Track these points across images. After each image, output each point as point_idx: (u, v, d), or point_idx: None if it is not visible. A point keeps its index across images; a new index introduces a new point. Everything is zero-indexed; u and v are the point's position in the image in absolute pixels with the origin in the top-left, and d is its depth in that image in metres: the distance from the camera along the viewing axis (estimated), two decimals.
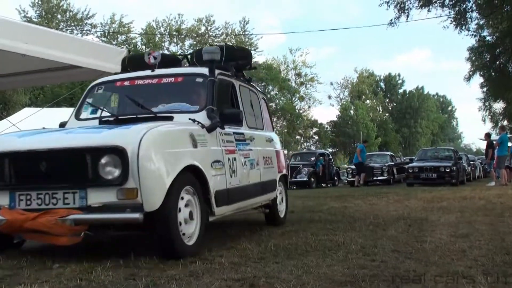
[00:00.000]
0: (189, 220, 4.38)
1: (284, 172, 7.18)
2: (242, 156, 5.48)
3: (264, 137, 6.62)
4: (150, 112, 5.07)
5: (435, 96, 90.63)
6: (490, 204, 9.02)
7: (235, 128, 5.52)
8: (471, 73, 30.52)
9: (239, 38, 57.77)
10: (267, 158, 6.37)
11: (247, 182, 5.52)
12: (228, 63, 5.88)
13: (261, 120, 6.78)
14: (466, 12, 23.06)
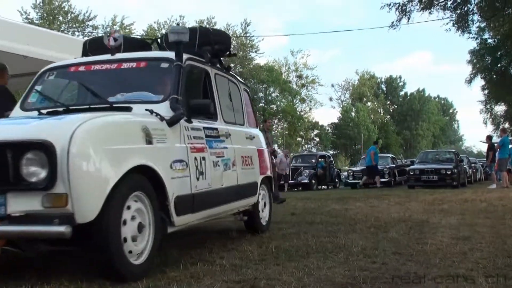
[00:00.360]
0: (138, 234, 3.61)
1: (268, 173, 6.47)
2: (214, 155, 4.75)
3: (244, 133, 5.92)
4: (105, 102, 4.25)
5: (436, 99, 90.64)
6: (492, 207, 9.01)
7: (207, 122, 4.83)
8: (473, 76, 30.59)
9: (240, 40, 57.86)
10: (247, 157, 5.68)
11: (220, 186, 4.81)
12: (203, 48, 5.19)
13: (242, 115, 6.08)
14: (467, 15, 23.07)
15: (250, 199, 5.75)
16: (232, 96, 5.81)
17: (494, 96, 32.23)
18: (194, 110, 4.51)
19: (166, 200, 3.90)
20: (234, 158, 5.26)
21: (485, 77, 29.89)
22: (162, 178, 3.83)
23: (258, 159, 6.08)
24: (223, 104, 5.41)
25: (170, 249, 4.67)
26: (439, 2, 22.67)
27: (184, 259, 4.22)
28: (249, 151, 5.84)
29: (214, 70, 5.34)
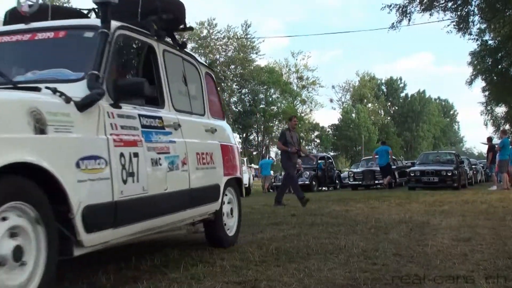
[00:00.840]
0: (12, 263, 2.53)
1: (237, 175, 5.55)
2: (154, 150, 3.73)
3: (203, 125, 4.92)
4: (8, 82, 3.29)
5: (437, 100, 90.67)
6: (492, 208, 9.01)
7: (148, 109, 3.86)
8: (473, 77, 30.61)
9: (241, 41, 57.90)
10: (205, 155, 4.69)
11: (162, 190, 3.79)
12: (148, 18, 4.18)
13: (202, 103, 5.11)
14: (468, 16, 23.10)
15: (210, 206, 4.76)
16: (188, 80, 4.80)
17: (495, 98, 32.24)
18: (124, 91, 3.51)
19: (70, 212, 2.88)
20: (186, 155, 4.25)
21: (486, 79, 29.90)
22: (61, 181, 2.81)
23: (221, 157, 5.10)
24: (174, 89, 4.41)
25: (171, 250, 4.68)
26: (439, 4, 22.72)
27: (184, 260, 4.22)
28: (208, 146, 4.84)
29: (163, 46, 4.33)
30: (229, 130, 5.87)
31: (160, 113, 4.06)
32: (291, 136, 11.05)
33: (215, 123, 5.25)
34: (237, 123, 59.79)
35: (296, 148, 11.03)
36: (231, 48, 59.59)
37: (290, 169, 11.02)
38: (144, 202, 3.56)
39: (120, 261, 4.16)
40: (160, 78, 4.21)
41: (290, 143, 10.90)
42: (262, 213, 8.57)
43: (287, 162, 11.01)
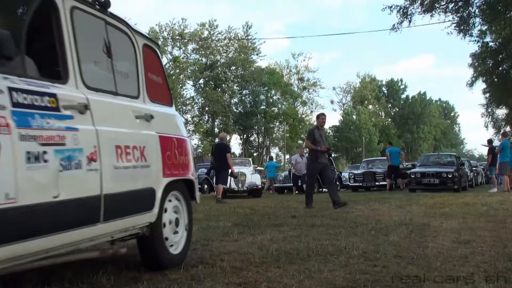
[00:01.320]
0: None
1: (186, 176, 4.44)
2: (36, 140, 2.67)
3: (132, 110, 3.76)
4: None
5: (437, 102, 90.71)
6: (493, 210, 9.01)
7: (31, 83, 2.78)
8: (474, 79, 30.63)
9: (242, 43, 57.94)
10: (132, 149, 3.57)
11: (47, 198, 2.70)
12: None
13: (135, 83, 3.98)
14: (469, 18, 23.11)
15: (138, 218, 3.64)
16: (113, 51, 3.63)
17: (496, 100, 32.26)
18: None
19: None
20: (96, 149, 3.18)
21: (487, 81, 29.93)
22: None
23: (160, 153, 3.99)
24: (87, 60, 3.36)
25: None
26: (440, 5, 22.74)
27: (185, 261, 4.22)
28: (139, 138, 3.73)
29: (71, 1, 3.23)
30: (176, 119, 4.68)
31: (55, 89, 2.94)
32: (320, 135, 10.70)
33: (153, 109, 4.05)
34: (238, 124, 59.80)
35: (326, 147, 10.68)
36: (232, 49, 59.66)
37: (313, 172, 10.71)
38: (9, 216, 2.42)
39: (120, 261, 4.16)
40: (63, 43, 3.10)
41: (319, 142, 10.54)
42: (262, 215, 8.56)
43: (314, 163, 10.65)
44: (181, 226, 4.37)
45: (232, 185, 17.90)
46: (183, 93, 58.67)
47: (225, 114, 58.41)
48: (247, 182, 18.55)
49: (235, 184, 18.13)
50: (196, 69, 57.42)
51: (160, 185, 3.95)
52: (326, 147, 10.64)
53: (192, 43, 57.79)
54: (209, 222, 7.25)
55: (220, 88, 59.22)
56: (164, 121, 4.27)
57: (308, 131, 11.50)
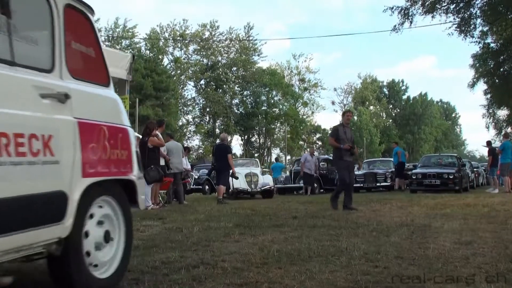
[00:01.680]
0: None
1: (128, 175, 3.66)
2: None
3: (34, 86, 2.86)
4: None
5: (438, 103, 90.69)
6: (494, 212, 9.00)
7: None
8: (475, 80, 30.60)
9: (243, 43, 57.98)
10: (30, 139, 2.70)
11: None
12: None
13: (49, 51, 3.10)
14: (470, 19, 23.10)
15: (40, 233, 2.79)
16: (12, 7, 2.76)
17: (497, 101, 32.20)
18: None
19: None
20: None
21: (488, 81, 29.88)
22: None
23: (78, 144, 3.12)
24: None
25: (172, 252, 4.68)
26: (441, 6, 22.72)
27: (186, 261, 4.23)
28: (41, 124, 2.85)
29: None
30: (112, 103, 3.74)
31: None
32: (345, 132, 10.31)
33: (72, 87, 3.16)
34: (239, 125, 59.80)
35: (349, 145, 10.15)
36: (233, 50, 59.70)
37: (342, 171, 10.27)
38: None
39: None
40: None
41: (343, 140, 10.15)
42: (263, 215, 8.56)
43: (339, 162, 10.29)
44: (114, 242, 3.47)
45: (244, 186, 17.57)
46: (184, 94, 58.74)
47: (226, 115, 58.43)
48: (260, 183, 18.10)
49: (248, 185, 17.69)
50: (197, 70, 57.48)
51: (77, 187, 3.04)
52: (349, 145, 10.15)
53: (193, 44, 57.84)
54: (210, 223, 7.25)
55: (221, 89, 59.27)
56: (90, 104, 3.38)
57: (332, 128, 10.98)
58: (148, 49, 52.40)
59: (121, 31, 52.17)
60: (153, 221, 7.48)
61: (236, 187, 17.32)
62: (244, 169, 18.93)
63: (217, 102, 56.63)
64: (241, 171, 18.15)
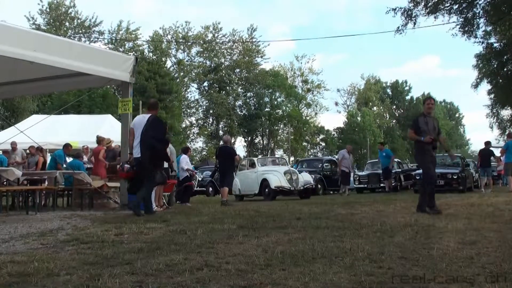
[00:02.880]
0: None
1: None
2: None
3: None
4: None
5: (442, 103, 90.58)
6: (498, 211, 8.98)
7: None
8: (479, 80, 30.58)
9: (246, 45, 58.01)
10: None
11: None
12: None
13: None
14: (473, 19, 23.06)
15: None
16: None
17: (501, 101, 32.16)
18: None
19: None
20: None
21: (491, 81, 29.85)
22: None
23: None
24: None
25: (176, 254, 4.68)
26: (444, 7, 22.70)
27: (190, 264, 4.22)
28: None
29: None
30: None
31: None
32: (426, 122, 9.22)
33: None
34: (242, 126, 59.82)
35: (431, 137, 8.97)
36: (236, 52, 59.76)
37: (425, 166, 9.21)
38: None
39: (125, 264, 4.17)
40: None
41: (424, 131, 9.08)
42: (267, 217, 8.56)
43: (421, 157, 9.22)
44: None
45: (285, 184, 16.32)
46: (188, 96, 58.79)
47: (229, 116, 58.49)
48: (301, 181, 16.84)
49: (289, 183, 16.40)
50: (200, 72, 57.54)
51: None
52: (431, 137, 8.96)
53: (196, 46, 57.92)
54: (214, 225, 7.25)
55: (224, 91, 59.34)
56: None
57: (413, 119, 9.72)
58: (151, 51, 52.50)
59: (124, 33, 52.29)
60: (157, 224, 7.48)
61: (276, 186, 16.14)
62: (282, 167, 17.78)
63: (221, 104, 56.69)
64: (278, 169, 17.20)
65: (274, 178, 16.04)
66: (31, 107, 37.79)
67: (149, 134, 9.02)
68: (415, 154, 9.56)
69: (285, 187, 16.16)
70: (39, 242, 5.70)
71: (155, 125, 9.15)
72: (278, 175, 16.27)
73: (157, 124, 9.29)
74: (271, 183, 16.00)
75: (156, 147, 9.13)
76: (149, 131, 9.03)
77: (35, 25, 46.73)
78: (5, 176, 10.77)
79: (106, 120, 20.53)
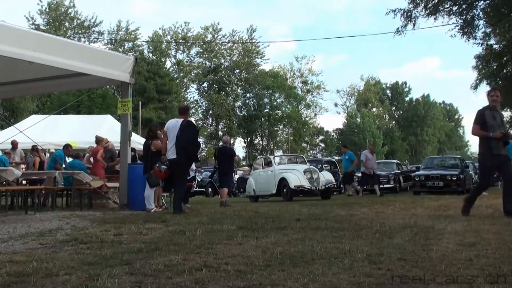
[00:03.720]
0: None
1: None
2: None
3: None
4: None
5: (441, 104, 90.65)
6: (498, 213, 8.97)
7: None
8: (478, 82, 30.56)
9: (246, 46, 58.03)
10: None
11: None
12: None
13: None
14: (473, 20, 23.10)
15: None
16: None
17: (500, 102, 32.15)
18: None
19: None
20: None
21: (491, 83, 29.83)
22: None
23: None
24: None
25: (175, 255, 4.68)
26: (444, 8, 22.73)
27: (188, 264, 4.22)
28: None
29: None
30: None
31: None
32: (493, 116, 8.32)
33: None
34: (242, 127, 59.82)
35: (502, 132, 8.14)
36: (236, 52, 59.79)
37: (485, 173, 8.69)
38: None
39: (124, 265, 4.17)
40: None
41: (492, 126, 8.20)
42: (266, 217, 8.55)
43: (486, 158, 8.35)
44: None
45: (306, 183, 15.28)
46: (187, 96, 58.81)
47: (229, 117, 58.49)
48: (322, 180, 15.77)
49: (310, 183, 15.32)
50: (199, 72, 57.57)
51: None
52: (502, 132, 8.12)
53: (196, 47, 57.94)
54: (213, 226, 7.25)
55: (224, 92, 59.36)
56: None
57: (477, 112, 8.44)
58: (151, 52, 52.51)
59: (123, 34, 52.30)
60: (156, 224, 7.48)
61: (296, 185, 15.12)
62: (301, 165, 16.75)
63: (220, 104, 56.72)
64: (297, 167, 16.26)
65: (294, 177, 15.12)
66: (30, 107, 37.78)
67: (184, 137, 9.70)
68: (480, 153, 8.53)
69: (305, 186, 15.22)
70: (38, 242, 5.70)
71: (189, 129, 9.86)
72: (298, 174, 15.39)
73: (191, 128, 10.07)
74: (290, 183, 15.04)
75: (191, 149, 9.87)
76: (183, 134, 9.72)
77: (34, 25, 46.74)
78: (4, 176, 10.77)
79: (106, 121, 20.52)
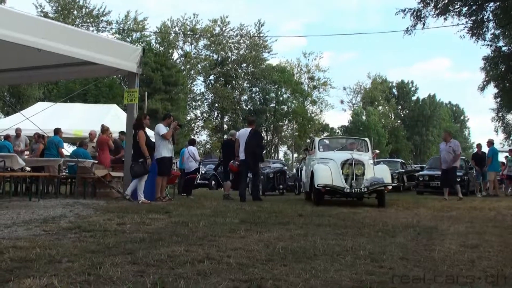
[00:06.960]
0: None
1: None
2: None
3: None
4: None
5: (447, 105, 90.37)
6: (500, 215, 8.97)
7: None
8: (485, 83, 30.44)
9: (253, 40, 57.92)
10: None
11: None
12: None
13: None
14: (483, 22, 22.99)
15: None
16: None
17: (507, 105, 32.03)
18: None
19: None
20: None
21: (498, 85, 29.73)
22: None
23: None
24: None
25: (178, 246, 4.69)
26: (454, 8, 22.63)
27: (191, 256, 4.23)
28: None
29: None
30: None
31: None
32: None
33: None
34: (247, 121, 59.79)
35: None
36: (243, 46, 59.68)
37: None
38: None
39: (127, 254, 4.19)
40: None
41: None
42: (269, 212, 8.56)
43: None
44: None
45: (339, 182, 11.03)
46: (193, 88, 58.78)
47: (234, 111, 58.47)
48: (366, 180, 11.13)
49: (346, 181, 11.04)
50: (206, 65, 57.50)
51: None
52: None
53: (203, 39, 57.87)
54: (216, 218, 7.26)
55: (230, 85, 59.31)
56: None
57: None
58: (159, 43, 52.46)
59: (132, 24, 52.28)
60: (159, 215, 7.49)
61: (321, 183, 11.01)
62: (342, 154, 12.06)
63: (226, 97, 56.68)
64: (339, 156, 11.71)
65: (322, 172, 11.23)
66: (36, 94, 37.84)
67: (253, 143, 12.37)
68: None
69: (335, 186, 11.05)
70: (41, 229, 5.73)
71: (256, 136, 12.71)
72: (332, 167, 11.30)
73: (257, 135, 13.08)
74: (315, 179, 11.14)
75: (257, 152, 12.66)
76: (252, 140, 12.39)
77: (42, 12, 46.75)
78: (9, 164, 10.79)
79: (111, 110, 20.52)
